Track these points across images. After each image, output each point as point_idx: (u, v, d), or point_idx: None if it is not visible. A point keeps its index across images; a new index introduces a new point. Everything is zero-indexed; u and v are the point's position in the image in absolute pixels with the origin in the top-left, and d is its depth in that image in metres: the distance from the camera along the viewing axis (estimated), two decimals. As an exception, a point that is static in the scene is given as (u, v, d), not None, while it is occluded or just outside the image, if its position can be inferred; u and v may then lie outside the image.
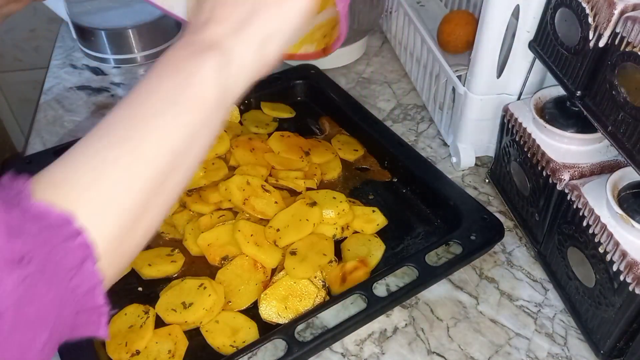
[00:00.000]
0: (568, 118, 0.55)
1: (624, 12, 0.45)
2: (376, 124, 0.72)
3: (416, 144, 0.75)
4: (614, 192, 0.48)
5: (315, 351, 0.51)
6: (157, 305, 0.53)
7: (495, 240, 0.59)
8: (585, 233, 0.49)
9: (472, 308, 0.56)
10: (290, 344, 0.49)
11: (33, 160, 0.67)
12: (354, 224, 0.61)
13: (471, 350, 0.52)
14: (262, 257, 0.56)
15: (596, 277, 0.49)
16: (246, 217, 0.60)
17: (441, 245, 0.58)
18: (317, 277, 0.56)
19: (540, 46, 0.57)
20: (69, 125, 0.78)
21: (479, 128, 0.68)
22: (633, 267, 0.44)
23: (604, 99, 0.47)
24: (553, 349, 0.53)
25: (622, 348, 0.49)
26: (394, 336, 0.54)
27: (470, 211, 0.60)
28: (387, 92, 0.85)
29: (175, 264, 0.57)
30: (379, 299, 0.52)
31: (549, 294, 0.57)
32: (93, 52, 0.90)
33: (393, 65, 0.91)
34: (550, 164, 0.54)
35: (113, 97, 0.84)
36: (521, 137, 0.58)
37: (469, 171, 0.71)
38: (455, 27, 0.80)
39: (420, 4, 0.96)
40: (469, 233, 0.58)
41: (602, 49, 0.47)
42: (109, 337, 0.43)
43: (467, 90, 0.66)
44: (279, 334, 0.50)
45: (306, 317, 0.52)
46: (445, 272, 0.56)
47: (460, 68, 0.76)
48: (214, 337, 0.52)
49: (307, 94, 0.81)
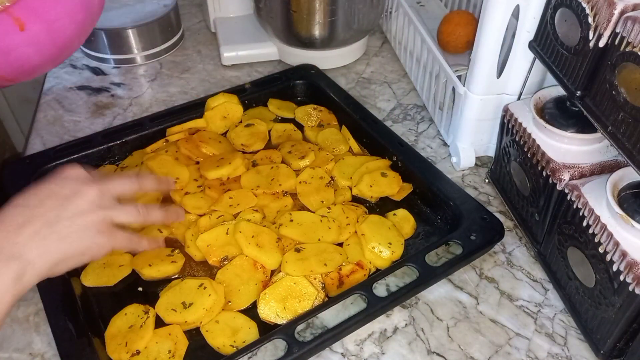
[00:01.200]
0: (568, 118, 0.55)
1: (624, 12, 0.45)
2: (375, 124, 0.72)
3: (416, 144, 0.75)
4: (614, 192, 0.48)
5: (315, 351, 0.51)
6: (157, 305, 0.53)
7: (495, 240, 0.59)
8: (585, 233, 0.49)
9: (472, 308, 0.56)
10: (290, 344, 0.49)
11: (33, 160, 0.67)
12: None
13: (471, 350, 0.52)
14: (263, 258, 0.56)
15: (596, 277, 0.49)
16: (246, 219, 0.61)
17: (441, 245, 0.58)
18: (317, 278, 0.56)
19: (540, 46, 0.57)
20: (69, 125, 0.78)
21: (479, 128, 0.68)
22: (633, 267, 0.44)
23: (603, 99, 0.47)
24: (553, 349, 0.53)
25: (622, 348, 0.49)
26: (394, 336, 0.54)
27: (470, 211, 0.60)
28: (387, 92, 0.85)
29: (175, 264, 0.57)
30: (379, 299, 0.52)
31: (549, 294, 0.57)
32: (93, 52, 0.90)
33: (393, 65, 0.91)
34: (550, 164, 0.54)
35: (113, 97, 0.84)
36: (521, 137, 0.58)
37: (469, 171, 0.71)
38: (455, 27, 0.80)
39: (420, 4, 0.96)
40: (469, 233, 0.58)
41: (602, 49, 0.47)
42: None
43: (467, 90, 0.66)
44: (279, 334, 0.50)
45: (306, 317, 0.52)
46: (445, 272, 0.56)
47: (460, 68, 0.76)
48: (214, 337, 0.52)
49: (307, 94, 0.81)
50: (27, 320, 0.54)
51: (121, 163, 0.69)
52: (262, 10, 0.85)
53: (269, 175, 0.65)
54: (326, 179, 0.66)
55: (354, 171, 0.67)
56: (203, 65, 0.90)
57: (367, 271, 0.57)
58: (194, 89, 0.85)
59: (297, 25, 0.83)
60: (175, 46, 0.94)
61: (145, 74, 0.88)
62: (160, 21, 0.89)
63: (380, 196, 0.65)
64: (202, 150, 0.69)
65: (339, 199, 0.64)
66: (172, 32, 0.92)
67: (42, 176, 0.65)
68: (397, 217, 0.63)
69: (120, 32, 0.87)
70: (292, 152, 0.69)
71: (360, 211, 0.63)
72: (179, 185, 0.64)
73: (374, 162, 0.68)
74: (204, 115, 0.73)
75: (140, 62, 0.90)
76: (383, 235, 0.59)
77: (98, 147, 0.69)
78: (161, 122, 0.72)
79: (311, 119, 0.76)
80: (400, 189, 0.65)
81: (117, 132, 0.70)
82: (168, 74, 0.88)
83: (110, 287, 0.56)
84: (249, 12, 0.94)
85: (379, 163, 0.68)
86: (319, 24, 0.82)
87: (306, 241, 0.58)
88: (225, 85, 0.85)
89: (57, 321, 0.50)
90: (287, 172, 0.66)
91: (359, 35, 0.88)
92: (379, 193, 0.64)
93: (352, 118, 0.74)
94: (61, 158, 0.67)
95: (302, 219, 0.60)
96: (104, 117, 0.80)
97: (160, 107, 0.81)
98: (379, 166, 0.67)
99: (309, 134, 0.73)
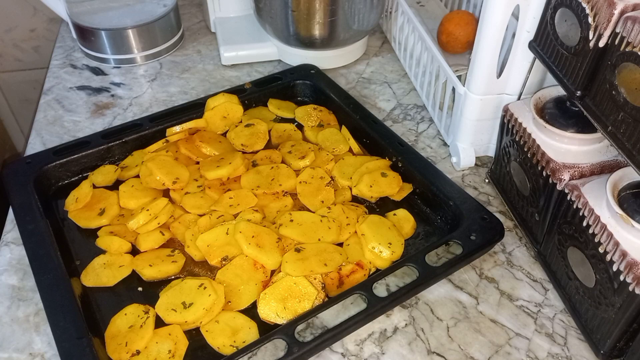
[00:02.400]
0: (568, 118, 0.55)
1: (624, 12, 0.45)
2: (375, 124, 0.72)
3: (416, 144, 0.75)
4: (614, 192, 0.48)
5: (316, 351, 0.51)
6: (157, 306, 0.53)
7: (496, 240, 0.59)
8: (585, 233, 0.49)
9: (472, 308, 0.56)
10: (290, 344, 0.49)
11: (33, 160, 0.67)
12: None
13: (471, 350, 0.52)
14: (264, 258, 0.56)
15: (596, 277, 0.49)
16: (247, 219, 0.61)
17: (441, 245, 0.58)
18: (317, 278, 0.56)
19: (540, 46, 0.57)
20: (69, 125, 0.78)
21: (479, 128, 0.69)
22: (633, 267, 0.44)
23: (603, 99, 0.47)
24: (553, 349, 0.53)
25: (622, 348, 0.49)
26: (394, 336, 0.54)
27: (471, 211, 0.60)
28: (387, 92, 0.85)
29: (176, 264, 0.57)
30: (379, 299, 0.52)
31: (549, 294, 0.57)
32: (93, 52, 0.90)
33: (393, 65, 0.91)
34: (550, 164, 0.54)
35: (113, 97, 0.84)
36: (521, 137, 0.58)
37: (469, 171, 0.71)
38: (455, 27, 0.80)
39: (420, 4, 0.96)
40: (469, 233, 0.58)
41: (602, 49, 0.47)
42: None
43: (467, 90, 0.66)
44: (279, 333, 0.50)
45: (306, 317, 0.52)
46: (445, 272, 0.56)
47: (460, 68, 0.77)
48: (214, 337, 0.52)
49: (307, 94, 0.81)
50: (27, 320, 0.54)
51: (121, 163, 0.69)
52: (262, 10, 0.85)
53: (269, 176, 0.65)
54: (326, 179, 0.66)
55: (354, 171, 0.67)
56: (203, 65, 0.90)
57: (367, 271, 0.57)
58: (194, 89, 0.85)
59: (297, 25, 0.83)
60: (175, 46, 0.94)
61: (145, 74, 0.88)
62: (160, 21, 0.89)
63: (380, 196, 0.65)
64: (202, 150, 0.69)
65: (339, 199, 0.64)
66: (172, 32, 0.92)
67: (42, 176, 0.65)
68: (397, 217, 0.63)
69: (120, 32, 0.87)
70: (292, 152, 0.69)
71: (360, 211, 0.63)
72: (179, 186, 0.64)
73: (373, 162, 0.68)
74: (204, 116, 0.73)
75: (140, 62, 0.90)
76: (383, 235, 0.59)
77: (98, 147, 0.69)
78: (161, 122, 0.72)
79: (311, 119, 0.76)
80: (400, 189, 0.65)
81: (117, 132, 0.70)
82: (168, 74, 0.88)
83: (110, 287, 0.56)
84: (249, 12, 0.94)
85: (379, 163, 0.68)
86: (319, 24, 0.82)
87: (306, 241, 0.58)
88: (225, 85, 0.85)
89: (57, 321, 0.50)
90: (287, 172, 0.66)
91: (359, 35, 0.88)
92: (379, 193, 0.64)
93: (352, 118, 0.73)
94: (61, 158, 0.67)
95: (302, 219, 0.60)
96: (104, 117, 0.80)
97: (160, 107, 0.81)
98: (379, 166, 0.67)
99: (309, 134, 0.73)
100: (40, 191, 0.64)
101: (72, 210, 0.63)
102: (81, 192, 0.64)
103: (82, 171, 0.68)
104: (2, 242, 0.62)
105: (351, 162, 0.68)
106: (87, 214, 0.63)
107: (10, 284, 0.57)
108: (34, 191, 0.62)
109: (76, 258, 0.59)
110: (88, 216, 0.62)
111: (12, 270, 0.59)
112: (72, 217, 0.63)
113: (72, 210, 0.63)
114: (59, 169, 0.67)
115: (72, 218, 0.63)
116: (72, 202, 0.64)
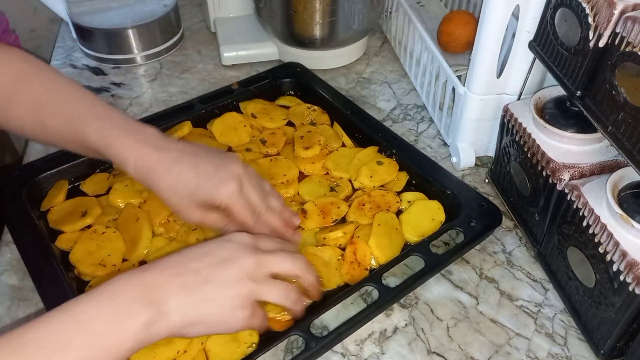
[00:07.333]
0: (568, 118, 0.55)
1: (624, 12, 0.45)
2: (366, 118, 0.72)
3: (416, 144, 0.75)
4: (614, 192, 0.48)
5: (332, 345, 0.51)
6: None
7: (495, 225, 0.60)
8: (585, 233, 0.49)
9: (472, 308, 0.56)
10: (308, 340, 0.49)
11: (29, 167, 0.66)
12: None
13: (471, 350, 0.52)
14: None
15: (596, 277, 0.49)
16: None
17: (443, 233, 0.59)
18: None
19: (540, 46, 0.57)
20: (69, 126, 0.78)
21: (479, 128, 0.69)
22: (633, 267, 0.44)
23: (603, 99, 0.47)
24: (553, 349, 0.53)
25: (622, 348, 0.49)
26: (394, 336, 0.54)
27: (469, 199, 0.61)
28: (387, 92, 0.85)
29: None
30: (389, 289, 0.53)
31: (549, 294, 0.57)
32: (93, 52, 0.90)
33: (393, 65, 0.91)
34: (550, 164, 0.54)
35: (113, 97, 0.84)
36: (521, 137, 0.58)
37: (469, 171, 0.71)
38: (455, 27, 0.80)
39: (420, 4, 0.96)
40: (469, 220, 0.59)
41: (602, 49, 0.47)
42: None
43: (467, 90, 0.66)
44: (295, 330, 0.50)
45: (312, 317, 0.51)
46: (450, 258, 0.57)
47: (460, 68, 0.77)
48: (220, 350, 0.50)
49: (295, 92, 0.81)
50: (28, 321, 0.54)
51: (113, 170, 0.67)
52: (262, 10, 0.85)
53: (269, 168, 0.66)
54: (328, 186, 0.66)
55: (347, 163, 0.68)
56: (203, 65, 0.90)
57: (369, 267, 0.57)
58: (194, 89, 0.85)
59: (297, 25, 0.83)
60: (175, 46, 0.94)
61: (145, 74, 0.88)
62: (160, 21, 0.89)
63: (381, 184, 0.66)
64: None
65: (342, 195, 0.65)
66: (172, 32, 0.92)
67: (36, 185, 0.64)
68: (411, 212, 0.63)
69: (120, 32, 0.87)
70: (304, 137, 0.70)
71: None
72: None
73: (363, 152, 0.69)
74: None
75: (140, 62, 0.90)
76: (384, 234, 0.59)
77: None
78: (161, 122, 0.72)
79: (304, 119, 0.76)
80: (397, 177, 0.66)
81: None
82: (168, 74, 0.88)
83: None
84: (249, 12, 0.94)
85: (368, 151, 0.69)
86: (319, 24, 0.82)
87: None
88: (225, 85, 0.85)
89: (57, 321, 0.50)
90: (287, 164, 0.67)
91: (359, 35, 0.88)
92: (380, 182, 0.65)
93: (342, 114, 0.74)
94: (51, 168, 0.65)
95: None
96: (104, 117, 0.80)
97: (160, 107, 0.81)
98: (371, 155, 0.68)
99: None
100: (32, 201, 0.62)
101: (53, 220, 0.62)
102: (56, 200, 0.63)
103: (75, 180, 0.66)
104: (2, 242, 0.62)
105: (344, 154, 0.69)
106: (69, 218, 0.61)
107: (10, 284, 0.57)
108: (27, 202, 0.61)
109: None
110: (70, 220, 0.61)
111: (13, 270, 0.59)
112: (54, 225, 0.61)
113: (53, 220, 0.62)
114: (49, 179, 0.65)
115: (54, 227, 0.61)
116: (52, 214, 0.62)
